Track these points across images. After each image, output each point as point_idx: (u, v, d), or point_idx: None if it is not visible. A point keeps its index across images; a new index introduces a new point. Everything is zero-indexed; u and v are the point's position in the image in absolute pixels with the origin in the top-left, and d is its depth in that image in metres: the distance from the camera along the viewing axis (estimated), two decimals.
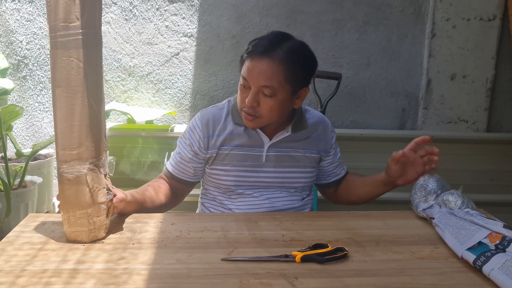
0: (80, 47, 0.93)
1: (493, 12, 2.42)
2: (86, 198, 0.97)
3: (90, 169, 0.97)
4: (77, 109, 0.95)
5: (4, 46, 2.42)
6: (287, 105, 1.22)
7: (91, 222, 0.98)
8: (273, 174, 1.28)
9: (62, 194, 0.98)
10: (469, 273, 0.87)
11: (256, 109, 1.18)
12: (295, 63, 1.16)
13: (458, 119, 2.53)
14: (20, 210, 2.03)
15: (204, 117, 1.29)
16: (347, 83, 2.50)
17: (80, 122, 0.96)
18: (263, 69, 1.14)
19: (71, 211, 0.97)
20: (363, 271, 0.87)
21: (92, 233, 0.99)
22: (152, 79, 2.48)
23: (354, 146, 2.41)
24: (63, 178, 0.97)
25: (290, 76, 1.16)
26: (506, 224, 0.95)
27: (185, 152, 1.29)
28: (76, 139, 0.96)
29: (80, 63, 0.93)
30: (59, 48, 0.92)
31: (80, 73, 0.93)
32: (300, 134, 1.30)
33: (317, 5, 2.43)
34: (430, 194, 1.15)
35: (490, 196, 2.42)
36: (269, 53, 1.14)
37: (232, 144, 1.26)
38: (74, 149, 0.96)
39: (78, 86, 0.94)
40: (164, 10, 2.41)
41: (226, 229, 1.07)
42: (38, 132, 2.52)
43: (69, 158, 0.96)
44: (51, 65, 0.94)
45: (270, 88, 1.15)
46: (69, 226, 0.98)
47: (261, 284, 0.81)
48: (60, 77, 0.93)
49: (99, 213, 0.99)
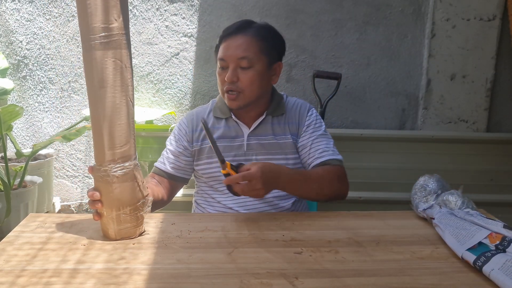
0: (119, 47, 0.96)
1: (493, 12, 2.42)
2: (136, 193, 1.01)
3: (135, 165, 1.01)
4: (122, 108, 0.98)
5: (4, 46, 2.42)
6: (265, 79, 1.27)
7: (139, 216, 1.02)
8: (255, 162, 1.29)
9: (110, 194, 0.99)
10: (469, 273, 0.87)
11: (236, 84, 1.23)
12: (267, 37, 1.26)
13: (458, 119, 2.53)
14: (20, 210, 2.03)
15: (189, 115, 1.37)
16: (347, 83, 2.50)
17: (125, 121, 0.99)
18: (238, 43, 1.23)
19: (121, 209, 0.99)
20: (363, 271, 0.87)
21: (139, 227, 1.03)
22: (152, 79, 2.48)
23: (354, 146, 2.41)
24: (111, 178, 0.98)
25: (264, 47, 1.25)
26: (506, 224, 0.95)
27: (175, 147, 1.34)
28: (123, 137, 0.99)
29: (121, 63, 0.96)
30: (100, 50, 0.94)
31: (122, 72, 0.97)
32: (277, 120, 1.33)
33: (317, 5, 2.43)
34: (430, 194, 1.15)
35: (490, 196, 2.42)
36: (241, 30, 1.25)
37: (214, 137, 1.31)
38: (121, 147, 0.99)
39: (121, 86, 0.97)
40: (164, 10, 2.41)
41: (227, 229, 1.07)
42: (38, 132, 2.52)
43: (117, 156, 0.98)
44: (89, 66, 0.95)
45: (247, 59, 1.22)
46: (118, 224, 1.00)
47: (261, 284, 0.81)
48: (103, 78, 0.95)
49: (145, 207, 1.03)
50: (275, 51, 1.29)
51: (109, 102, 0.96)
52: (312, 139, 1.32)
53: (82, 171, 2.58)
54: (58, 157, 2.54)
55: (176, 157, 1.33)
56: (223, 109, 1.33)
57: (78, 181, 2.59)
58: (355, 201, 2.41)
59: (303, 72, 2.50)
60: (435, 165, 2.42)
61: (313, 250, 0.95)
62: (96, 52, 0.94)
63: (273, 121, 1.33)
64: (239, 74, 1.23)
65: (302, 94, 2.50)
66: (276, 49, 1.29)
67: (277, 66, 1.31)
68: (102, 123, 0.97)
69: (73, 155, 2.56)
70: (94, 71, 0.95)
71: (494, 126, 2.58)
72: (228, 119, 1.32)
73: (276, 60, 1.30)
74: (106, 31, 0.94)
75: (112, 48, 0.95)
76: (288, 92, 2.50)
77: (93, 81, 0.96)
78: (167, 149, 1.35)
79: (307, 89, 2.50)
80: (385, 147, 2.45)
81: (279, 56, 1.32)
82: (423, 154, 2.45)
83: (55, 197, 2.54)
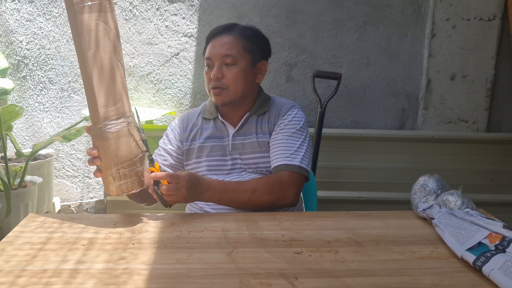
0: (104, 11, 1.00)
1: (493, 12, 2.42)
2: (132, 148, 1.04)
3: (129, 122, 1.04)
4: (112, 67, 1.01)
5: (4, 46, 2.42)
6: (250, 77, 1.32)
7: (138, 171, 1.05)
8: (240, 161, 1.34)
9: (107, 151, 1.02)
10: (469, 273, 0.87)
11: (221, 80, 1.29)
12: (250, 36, 1.33)
13: (458, 119, 2.53)
14: (20, 210, 2.03)
15: (181, 116, 1.45)
16: (347, 83, 2.50)
17: (117, 79, 1.02)
18: (223, 41, 1.29)
19: (119, 164, 1.02)
20: (363, 271, 0.87)
21: (140, 181, 1.06)
22: (152, 79, 2.48)
23: (354, 146, 2.41)
24: (106, 135, 1.01)
25: (248, 46, 1.31)
26: (506, 224, 0.95)
27: (167, 146, 1.39)
28: (116, 95, 1.02)
29: (105, 25, 1.00)
30: (86, 13, 0.98)
31: (107, 34, 1.00)
32: (261, 119, 1.35)
33: (317, 5, 2.43)
34: (430, 194, 1.15)
35: (490, 196, 2.43)
36: (225, 31, 1.32)
37: (202, 137, 1.37)
38: (115, 104, 1.02)
39: (107, 47, 1.01)
40: (164, 10, 2.42)
41: (226, 229, 1.07)
42: (38, 132, 2.52)
43: (111, 114, 1.02)
44: (75, 31, 0.99)
45: (231, 57, 1.28)
46: (118, 180, 1.03)
47: (261, 284, 0.81)
48: (89, 40, 0.99)
49: (143, 162, 1.06)
50: (258, 50, 1.34)
51: (98, 62, 1.00)
52: (277, 139, 1.31)
53: (82, 171, 2.58)
54: (58, 157, 2.55)
55: (169, 155, 1.39)
56: (211, 110, 1.38)
57: (78, 181, 2.59)
58: (355, 201, 2.42)
59: (303, 72, 2.50)
60: (435, 165, 2.42)
61: (312, 250, 0.95)
62: (82, 16, 0.98)
63: (257, 120, 1.36)
64: (224, 71, 1.29)
65: (302, 94, 2.50)
66: (259, 48, 1.35)
67: (262, 65, 1.35)
68: (93, 82, 1.00)
69: (73, 155, 2.56)
70: (78, 34, 0.99)
71: (494, 126, 2.58)
72: (216, 119, 1.37)
73: (260, 59, 1.35)
74: None
75: (97, 11, 0.99)
76: (288, 92, 2.50)
77: (81, 44, 0.99)
78: (160, 147, 1.41)
79: (307, 89, 2.50)
80: (385, 147, 2.45)
81: (264, 56, 1.37)
82: (423, 154, 2.45)
83: (55, 197, 2.54)
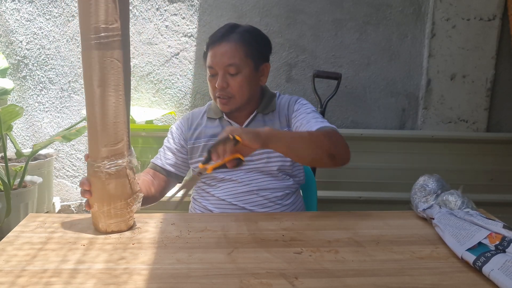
0: (119, 47, 0.97)
1: (493, 12, 2.42)
2: (127, 189, 1.03)
3: (128, 162, 1.03)
4: (118, 107, 1.00)
5: (4, 46, 2.42)
6: (254, 81, 1.31)
7: (129, 211, 1.05)
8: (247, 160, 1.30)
9: (102, 190, 1.02)
10: (469, 273, 0.87)
11: (226, 90, 1.28)
12: (250, 40, 1.30)
13: (458, 119, 2.53)
14: (20, 210, 2.03)
15: (186, 115, 1.44)
16: (347, 83, 2.50)
17: (121, 119, 1.01)
18: (224, 50, 1.26)
19: (112, 204, 1.02)
20: (363, 271, 0.87)
21: (130, 221, 1.06)
22: (152, 79, 2.48)
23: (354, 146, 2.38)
24: (103, 174, 1.00)
25: (249, 51, 1.28)
26: (506, 224, 0.95)
27: (172, 144, 1.39)
28: (118, 135, 1.01)
29: (119, 63, 0.98)
30: (100, 49, 0.95)
31: (120, 72, 0.98)
32: (268, 118, 1.35)
33: (317, 5, 2.43)
34: (430, 194, 1.15)
35: (490, 196, 2.42)
36: (225, 37, 1.28)
37: (207, 135, 1.36)
38: (115, 144, 1.01)
39: (119, 85, 0.99)
40: (164, 10, 2.41)
41: (226, 229, 1.07)
42: (38, 132, 2.52)
43: (111, 153, 1.00)
44: (87, 65, 0.97)
45: (234, 66, 1.26)
46: (109, 218, 1.03)
47: (261, 284, 0.81)
48: (102, 77, 0.97)
49: (135, 202, 1.06)
50: (260, 53, 1.32)
51: (105, 101, 0.98)
52: (302, 118, 1.30)
53: (82, 171, 2.58)
54: (58, 157, 2.55)
55: (173, 154, 1.38)
56: (216, 110, 1.38)
57: (78, 181, 2.59)
58: (355, 201, 2.42)
59: (303, 72, 2.50)
60: (435, 165, 2.42)
61: (313, 250, 0.95)
62: (95, 52, 0.95)
63: (264, 118, 1.36)
64: (228, 80, 1.27)
65: (302, 94, 2.50)
66: (261, 51, 1.33)
67: (264, 67, 1.34)
68: (97, 120, 0.99)
69: (73, 155, 2.56)
70: (92, 70, 0.96)
71: (494, 126, 2.58)
72: (221, 119, 1.37)
73: (262, 62, 1.33)
74: (106, 31, 0.95)
75: (111, 49, 0.96)
76: (288, 92, 2.50)
77: (91, 80, 0.97)
78: (165, 146, 1.41)
79: (307, 89, 2.50)
80: (385, 147, 2.45)
81: (265, 57, 1.35)
82: (423, 154, 2.45)
83: (55, 197, 2.54)
